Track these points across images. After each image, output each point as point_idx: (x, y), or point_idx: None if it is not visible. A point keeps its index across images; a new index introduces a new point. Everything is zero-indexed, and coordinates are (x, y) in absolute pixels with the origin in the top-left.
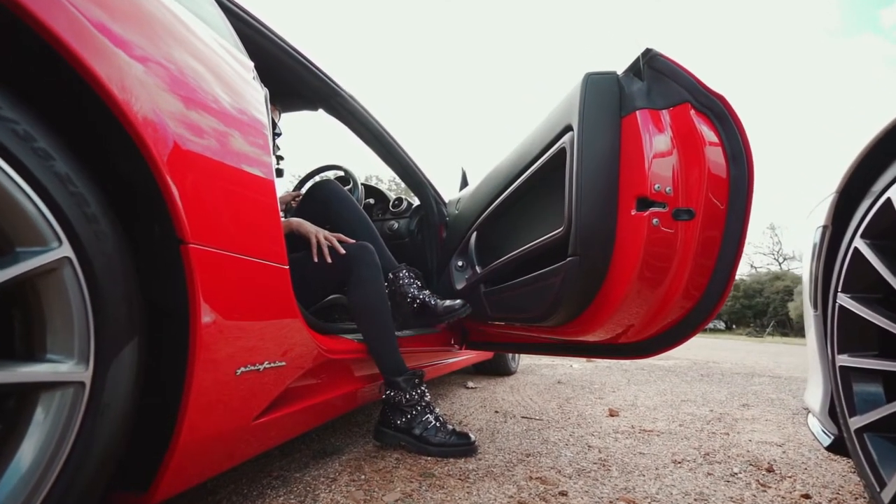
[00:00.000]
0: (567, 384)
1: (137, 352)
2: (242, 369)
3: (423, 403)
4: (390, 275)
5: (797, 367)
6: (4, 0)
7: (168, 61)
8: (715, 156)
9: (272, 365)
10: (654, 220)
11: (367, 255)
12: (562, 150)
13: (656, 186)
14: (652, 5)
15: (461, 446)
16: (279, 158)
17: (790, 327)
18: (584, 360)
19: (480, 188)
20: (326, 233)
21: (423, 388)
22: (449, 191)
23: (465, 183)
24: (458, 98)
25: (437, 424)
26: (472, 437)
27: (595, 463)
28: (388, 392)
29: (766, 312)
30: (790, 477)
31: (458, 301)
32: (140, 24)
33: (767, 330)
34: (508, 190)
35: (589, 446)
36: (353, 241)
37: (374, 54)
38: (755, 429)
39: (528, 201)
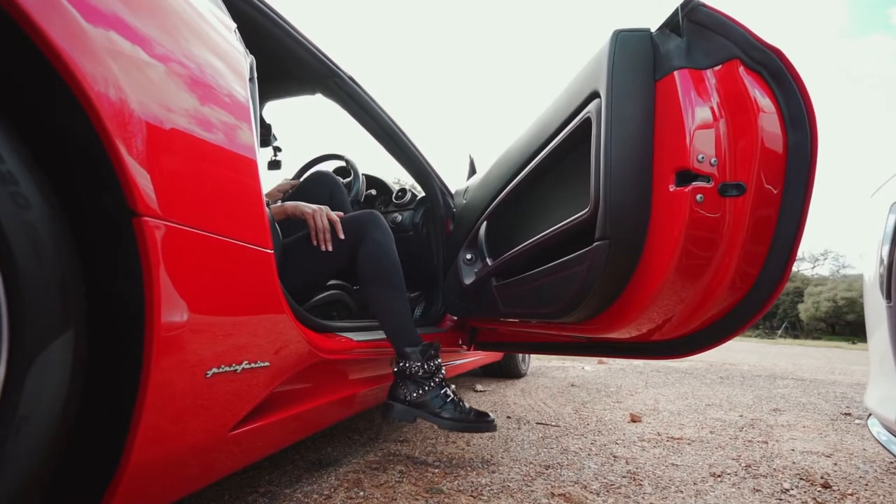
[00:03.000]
0: (581, 387)
1: (72, 350)
2: (214, 370)
3: (440, 377)
4: None
5: (819, 369)
6: None
7: None
8: (770, 120)
9: (253, 366)
10: (698, 197)
11: (380, 220)
12: (586, 121)
13: (700, 157)
14: (655, 6)
15: (480, 423)
16: (277, 150)
17: (800, 329)
18: (596, 361)
19: (491, 173)
20: (328, 211)
21: (439, 360)
22: (456, 186)
23: (472, 171)
24: (463, 89)
25: (455, 399)
26: (491, 416)
27: (624, 476)
28: (400, 364)
29: (776, 314)
30: (851, 494)
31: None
32: None
33: (779, 332)
34: (523, 172)
35: (614, 456)
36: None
37: (366, 41)
38: (795, 436)
39: (547, 183)
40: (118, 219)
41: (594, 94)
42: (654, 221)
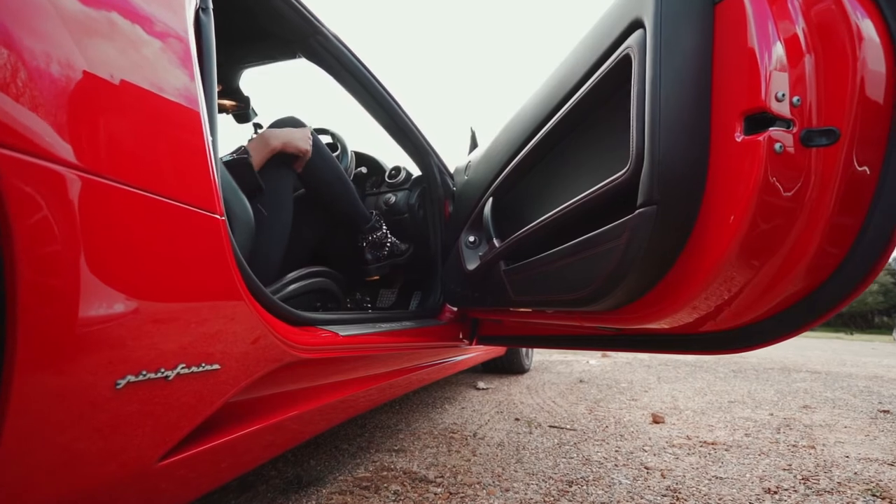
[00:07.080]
0: (590, 383)
1: None
2: (130, 378)
3: (390, 233)
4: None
5: (829, 361)
6: None
7: None
8: (872, 48)
9: (194, 370)
10: (777, 147)
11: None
12: (625, 59)
13: (779, 94)
14: None
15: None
16: (257, 126)
17: None
18: (600, 355)
19: (498, 140)
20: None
21: (381, 220)
22: (455, 167)
23: (474, 145)
24: (462, 65)
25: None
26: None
27: (664, 495)
28: (368, 238)
29: None
30: None
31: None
32: None
33: None
34: (539, 134)
35: (646, 468)
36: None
37: (358, 11)
38: (841, 439)
39: (570, 144)
40: None
41: (636, 24)
42: (712, 180)
